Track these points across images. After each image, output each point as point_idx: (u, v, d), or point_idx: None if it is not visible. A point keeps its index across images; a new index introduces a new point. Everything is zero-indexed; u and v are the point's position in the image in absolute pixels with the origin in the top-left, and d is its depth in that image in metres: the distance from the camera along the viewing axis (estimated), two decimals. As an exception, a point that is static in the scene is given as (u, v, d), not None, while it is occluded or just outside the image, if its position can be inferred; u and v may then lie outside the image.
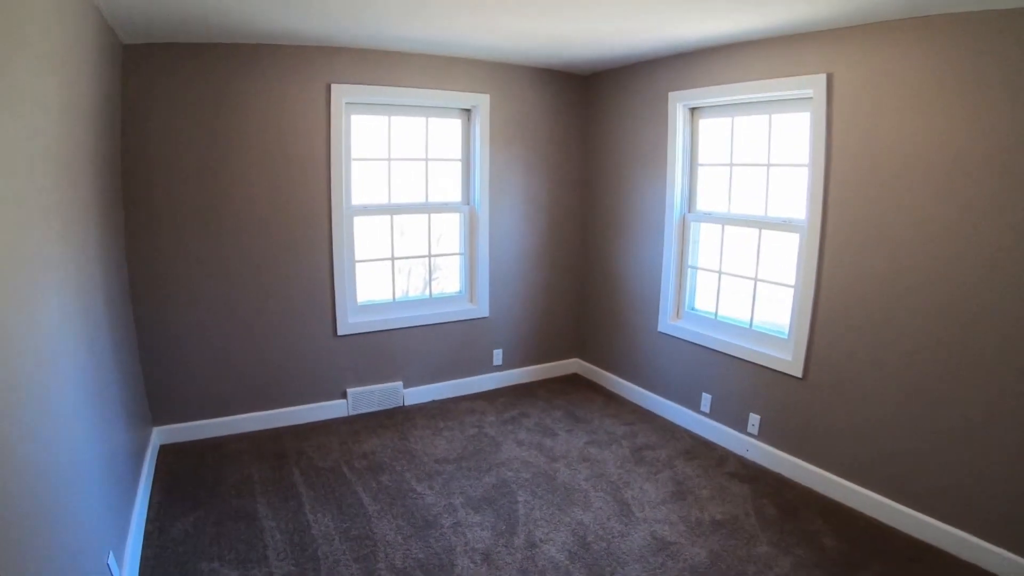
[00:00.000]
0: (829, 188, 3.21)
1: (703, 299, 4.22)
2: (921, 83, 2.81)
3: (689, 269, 4.21)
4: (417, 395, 4.59)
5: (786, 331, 3.60)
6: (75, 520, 1.92)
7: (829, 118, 3.16)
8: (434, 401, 4.64)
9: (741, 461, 3.78)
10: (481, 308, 4.71)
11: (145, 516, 3.06)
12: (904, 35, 2.85)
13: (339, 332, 4.20)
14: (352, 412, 4.36)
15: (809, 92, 3.23)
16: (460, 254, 4.72)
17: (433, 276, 4.89)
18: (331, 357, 4.23)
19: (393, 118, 4.25)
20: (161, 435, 3.82)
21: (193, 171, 3.63)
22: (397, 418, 4.33)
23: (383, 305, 4.43)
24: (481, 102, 4.39)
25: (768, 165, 3.62)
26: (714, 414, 4.05)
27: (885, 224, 3.00)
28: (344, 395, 4.33)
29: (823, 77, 3.15)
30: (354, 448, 3.86)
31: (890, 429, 3.08)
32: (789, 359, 3.50)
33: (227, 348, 3.91)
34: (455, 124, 4.52)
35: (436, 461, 3.71)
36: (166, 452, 3.75)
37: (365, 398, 4.39)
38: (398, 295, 4.53)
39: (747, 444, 3.82)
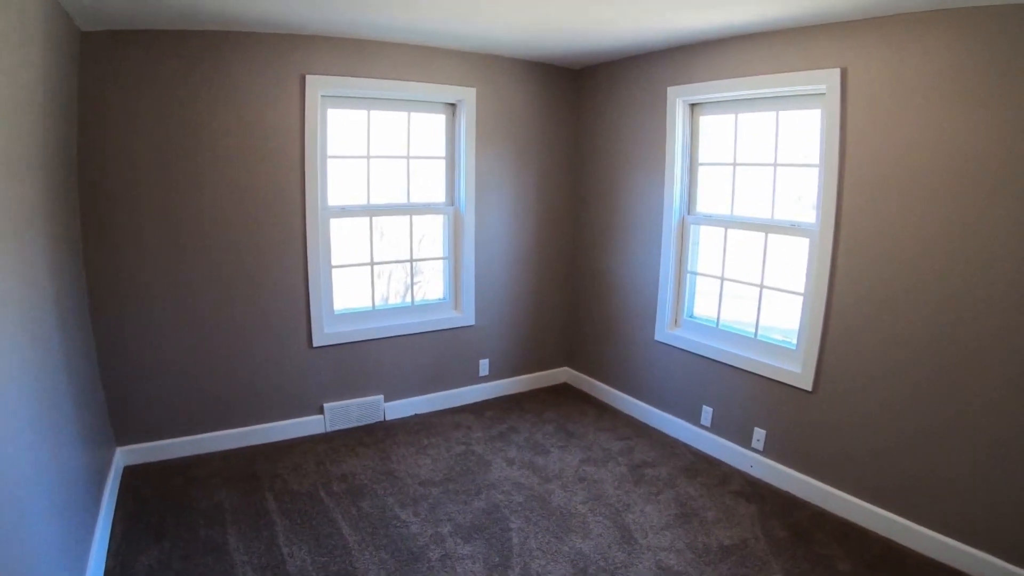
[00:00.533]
0: (843, 190, 3.06)
1: (703, 306, 4.06)
2: (943, 80, 2.67)
3: (688, 274, 4.05)
4: (399, 409, 4.38)
5: (794, 341, 3.45)
6: (21, 559, 1.72)
7: (843, 116, 3.02)
8: (417, 415, 4.43)
9: (746, 478, 3.63)
10: (466, 316, 4.51)
11: (107, 548, 2.82)
12: (925, 29, 2.71)
13: (314, 343, 3.96)
14: (330, 428, 4.13)
15: (822, 88, 3.08)
16: (444, 258, 4.51)
17: (415, 280, 4.68)
18: (306, 370, 4.00)
19: (373, 112, 4.02)
20: (125, 456, 3.58)
21: (157, 170, 3.38)
22: (378, 434, 4.11)
23: (362, 314, 4.21)
24: (467, 96, 4.19)
25: (775, 165, 3.47)
26: (716, 428, 3.89)
27: (904, 229, 2.86)
28: (321, 410, 4.10)
29: (837, 72, 3.00)
30: (332, 469, 3.63)
31: (908, 446, 2.94)
32: (798, 371, 3.36)
33: (194, 361, 3.67)
34: (439, 119, 4.31)
35: (421, 483, 3.49)
36: (131, 474, 3.50)
37: (343, 413, 4.16)
38: (378, 302, 4.32)
39: (752, 460, 3.68)
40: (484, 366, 4.70)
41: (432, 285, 4.66)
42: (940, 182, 2.72)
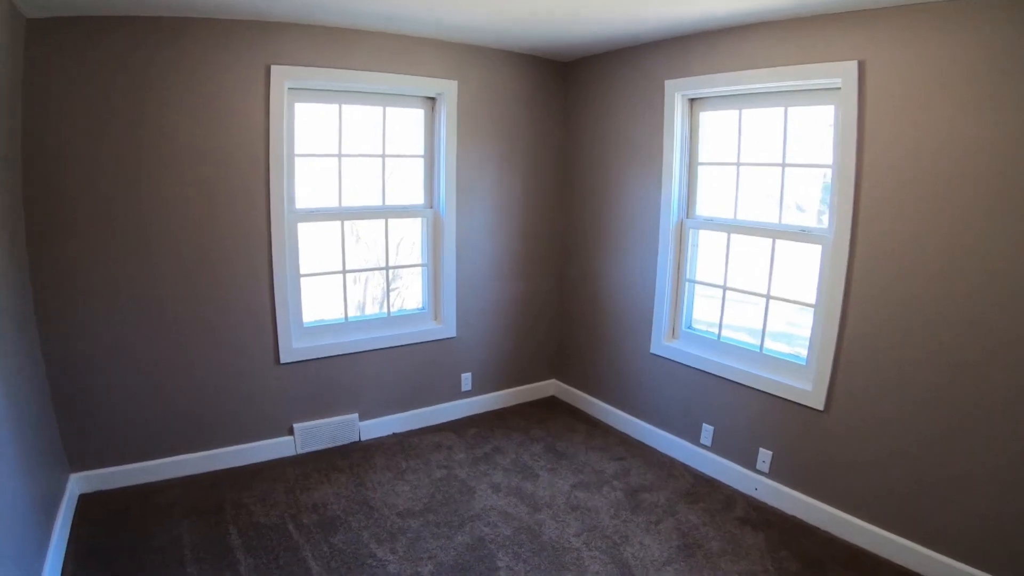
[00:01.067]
0: (860, 193, 2.86)
1: (703, 317, 3.86)
2: (971, 74, 2.48)
3: (687, 282, 3.84)
4: (375, 428, 4.11)
5: (804, 356, 3.25)
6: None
7: (861, 112, 2.82)
8: (395, 434, 4.17)
9: (751, 503, 3.43)
10: (447, 327, 4.26)
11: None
12: (952, 18, 2.51)
13: (282, 359, 3.69)
14: (301, 450, 3.86)
15: (836, 81, 2.88)
16: (423, 265, 4.25)
17: (393, 287, 4.42)
18: (274, 388, 3.72)
19: (345, 107, 3.76)
20: (80, 482, 3.31)
21: (109, 169, 3.09)
22: (353, 457, 3.84)
23: (333, 326, 3.93)
24: (448, 89, 3.93)
25: (783, 165, 3.27)
26: (717, 448, 3.69)
27: (929, 236, 2.67)
28: (291, 431, 3.83)
29: (854, 65, 2.80)
30: (302, 498, 3.36)
31: (929, 470, 2.76)
32: (808, 389, 3.16)
33: (152, 379, 3.39)
34: (417, 115, 4.05)
35: (399, 515, 3.24)
36: (86, 503, 3.23)
37: (315, 434, 3.89)
38: (352, 313, 4.05)
39: (756, 482, 3.48)
40: (466, 380, 4.45)
41: (411, 292, 4.40)
42: (968, 185, 2.53)
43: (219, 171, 3.35)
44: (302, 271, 3.74)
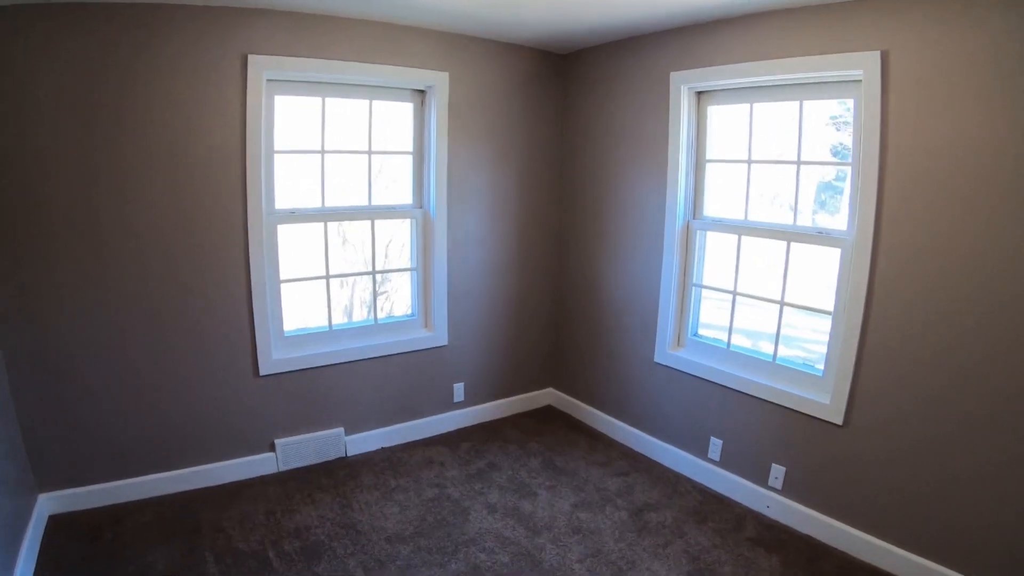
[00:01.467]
0: (883, 193, 2.71)
1: (710, 324, 3.70)
2: (1005, 68, 2.33)
3: (693, 287, 3.68)
4: (362, 443, 3.93)
5: (821, 367, 3.10)
6: None
7: (884, 106, 2.66)
8: (383, 449, 3.99)
9: (762, 521, 3.28)
10: (438, 335, 4.08)
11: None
12: (984, 8, 2.36)
13: (261, 371, 3.50)
14: (283, 468, 3.67)
15: (857, 73, 2.73)
16: (412, 269, 4.07)
17: (380, 290, 4.24)
18: (253, 402, 3.54)
19: (328, 100, 3.57)
20: (50, 503, 3.13)
21: (70, 168, 2.89)
22: (338, 475, 3.66)
23: (317, 335, 3.75)
24: (438, 82, 3.76)
25: (798, 163, 3.11)
26: (726, 463, 3.54)
27: (959, 240, 2.52)
28: (272, 447, 3.65)
29: (876, 55, 2.65)
30: (284, 522, 3.18)
31: (954, 489, 2.62)
32: (826, 402, 3.01)
33: (124, 394, 3.21)
34: (406, 108, 3.87)
35: (388, 540, 3.06)
36: (56, 525, 3.06)
37: (298, 450, 3.71)
38: (339, 318, 3.87)
39: (768, 500, 3.34)
40: (459, 391, 4.28)
41: (400, 296, 4.22)
42: (1003, 184, 2.38)
43: (191, 169, 3.15)
44: (282, 276, 3.55)
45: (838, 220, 3.04)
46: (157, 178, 3.08)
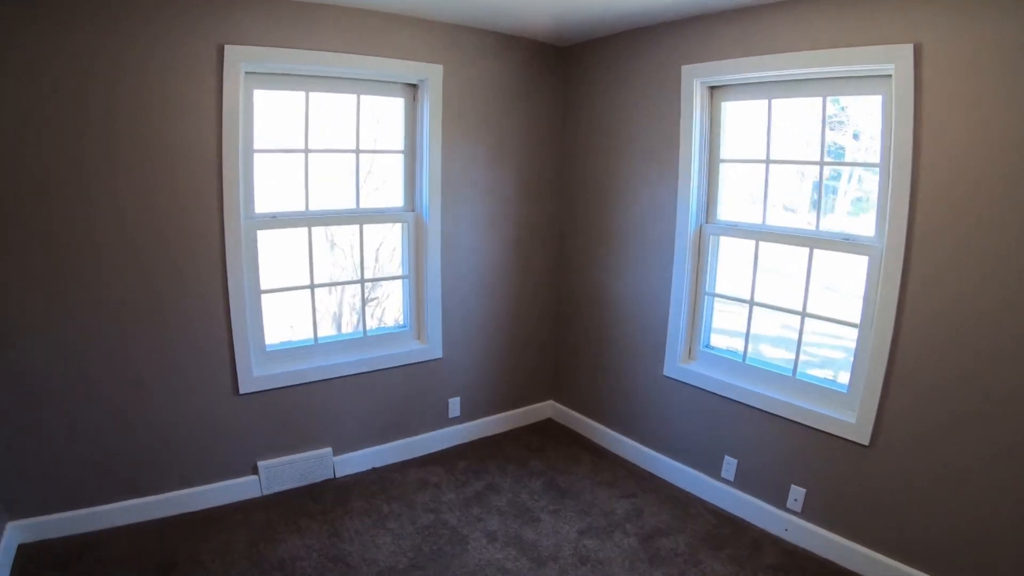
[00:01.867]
0: (917, 196, 2.56)
1: (724, 336, 3.55)
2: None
3: (706, 296, 3.53)
4: (352, 463, 3.75)
5: (846, 383, 2.96)
6: None
7: (917, 104, 2.52)
8: (375, 470, 3.81)
9: (781, 546, 3.14)
10: (432, 347, 3.90)
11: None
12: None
13: (241, 390, 3.31)
14: (266, 491, 3.49)
15: (888, 68, 2.58)
16: (404, 277, 3.88)
17: (371, 296, 4.06)
18: (233, 422, 3.35)
19: (313, 95, 3.38)
20: (20, 532, 2.94)
21: (28, 167, 2.68)
22: (326, 499, 3.47)
23: (301, 349, 3.56)
24: (431, 75, 3.58)
25: (821, 164, 2.96)
26: (741, 483, 3.40)
27: (997, 246, 2.38)
28: (255, 470, 3.46)
29: (909, 48, 2.50)
30: (267, 553, 2.99)
31: (996, 518, 2.47)
32: (851, 421, 2.87)
33: (95, 415, 3.01)
34: (397, 104, 3.69)
35: (380, 574, 2.88)
36: (26, 555, 2.88)
37: (283, 472, 3.52)
38: (328, 327, 3.69)
39: (787, 523, 3.20)
40: (454, 406, 4.11)
41: (392, 303, 4.04)
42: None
43: (162, 170, 2.95)
44: (263, 286, 3.35)
45: (868, 226, 2.88)
46: (124, 180, 2.88)
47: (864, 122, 2.94)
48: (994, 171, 2.36)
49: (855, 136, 3.00)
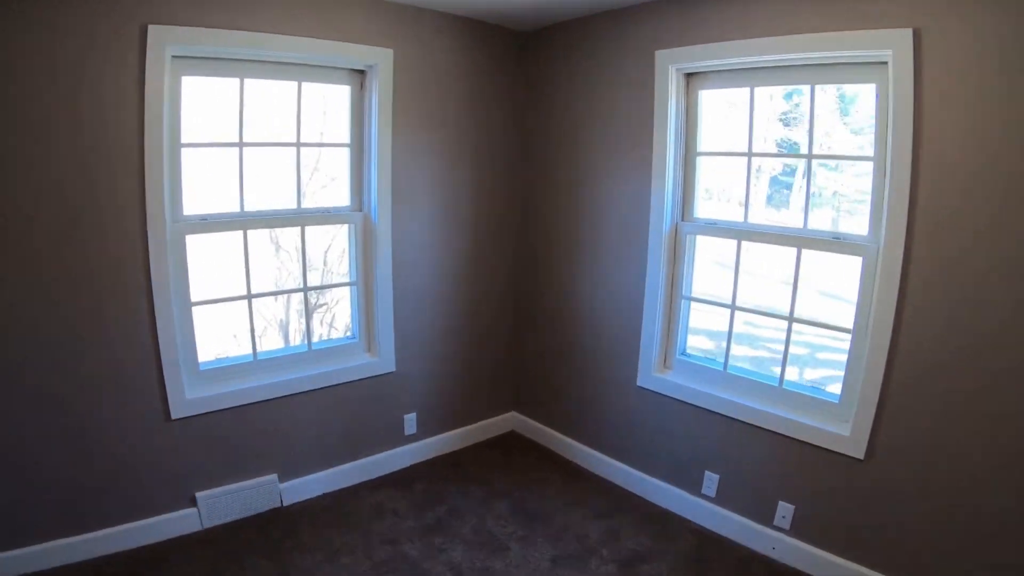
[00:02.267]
0: (916, 193, 2.43)
1: (702, 342, 3.39)
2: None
3: (683, 300, 3.36)
4: (301, 489, 3.47)
5: (838, 393, 2.83)
6: None
7: (917, 93, 2.38)
8: (326, 495, 3.53)
9: (769, 567, 3.01)
10: (384, 360, 3.64)
11: None
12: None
13: (173, 414, 2.99)
14: (208, 524, 3.19)
15: (884, 54, 2.44)
16: (351, 284, 3.60)
17: (320, 303, 3.77)
18: (166, 450, 3.03)
19: (248, 82, 3.08)
20: None
21: None
22: (273, 532, 3.18)
23: (240, 367, 3.26)
24: (381, 60, 3.31)
25: (809, 157, 2.82)
26: (723, 499, 3.25)
27: (1002, 246, 2.27)
28: (193, 501, 3.15)
29: (907, 34, 2.36)
30: (205, 602, 2.70)
31: (1000, 534, 2.38)
32: (844, 434, 2.73)
33: (16, 448, 2.69)
34: (342, 92, 3.42)
35: (335, 620, 2.62)
36: None
37: (224, 503, 3.21)
38: (270, 343, 3.38)
39: (774, 541, 3.06)
40: (410, 422, 3.86)
41: (341, 309, 3.76)
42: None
43: (75, 167, 2.62)
44: (194, 298, 3.03)
45: (861, 225, 2.74)
46: (30, 178, 2.53)
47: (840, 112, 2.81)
48: (1001, 166, 2.24)
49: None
